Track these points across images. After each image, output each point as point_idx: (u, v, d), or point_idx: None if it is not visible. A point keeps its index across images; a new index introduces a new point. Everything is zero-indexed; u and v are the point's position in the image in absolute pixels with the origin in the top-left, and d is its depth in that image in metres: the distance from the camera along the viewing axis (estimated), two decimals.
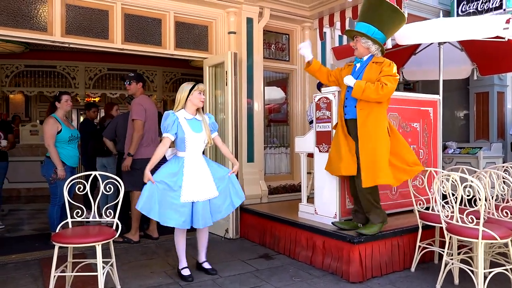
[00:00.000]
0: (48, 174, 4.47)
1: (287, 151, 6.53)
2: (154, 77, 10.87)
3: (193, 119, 3.56)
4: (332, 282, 3.60)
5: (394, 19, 3.53)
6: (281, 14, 5.97)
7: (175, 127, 3.43)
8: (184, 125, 3.48)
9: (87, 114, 6.42)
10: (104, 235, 3.11)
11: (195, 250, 3.96)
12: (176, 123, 3.45)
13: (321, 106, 4.14)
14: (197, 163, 3.53)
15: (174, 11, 5.33)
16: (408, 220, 4.13)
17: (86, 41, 4.83)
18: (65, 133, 4.57)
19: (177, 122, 3.46)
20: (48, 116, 4.62)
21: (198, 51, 5.62)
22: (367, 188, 3.55)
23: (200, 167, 3.54)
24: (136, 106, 4.71)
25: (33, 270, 3.87)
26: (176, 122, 3.45)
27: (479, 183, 3.08)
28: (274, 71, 6.41)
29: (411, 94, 4.91)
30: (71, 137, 4.63)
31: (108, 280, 3.27)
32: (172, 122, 3.43)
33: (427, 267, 3.94)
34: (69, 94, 4.84)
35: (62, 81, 10.13)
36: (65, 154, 4.56)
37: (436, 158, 4.74)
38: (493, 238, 3.02)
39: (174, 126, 3.43)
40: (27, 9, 4.52)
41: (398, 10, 3.49)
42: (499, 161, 7.20)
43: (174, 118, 3.45)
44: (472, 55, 5.75)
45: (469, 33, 4.15)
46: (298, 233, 4.26)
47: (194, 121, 3.56)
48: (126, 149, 4.75)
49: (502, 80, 7.89)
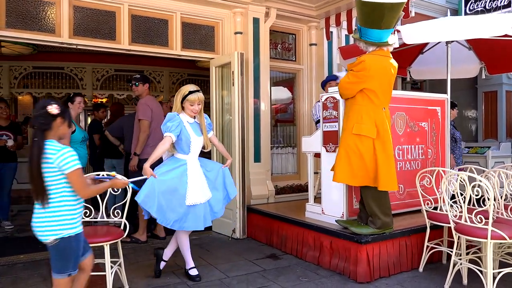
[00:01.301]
0: None
1: (294, 151, 6.52)
2: (160, 77, 10.90)
3: (194, 122, 3.59)
4: (340, 282, 3.59)
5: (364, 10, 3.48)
6: (287, 14, 5.97)
7: (178, 129, 3.43)
8: (188, 128, 3.50)
9: (96, 115, 6.46)
10: (112, 235, 3.13)
11: (201, 250, 3.97)
12: (181, 125, 3.45)
13: (328, 106, 4.13)
14: (197, 166, 3.57)
15: (180, 12, 5.34)
16: (416, 220, 4.11)
17: (94, 42, 4.86)
18: (78, 134, 4.68)
19: (181, 124, 3.46)
20: None
21: (204, 52, 5.63)
22: (367, 193, 3.59)
23: (199, 169, 3.58)
24: (142, 107, 4.75)
25: (41, 270, 3.90)
26: (180, 125, 3.45)
27: (488, 183, 3.06)
28: (280, 71, 6.41)
29: (419, 94, 4.88)
30: (83, 138, 4.75)
31: (116, 279, 3.28)
32: (177, 124, 3.43)
33: (435, 267, 3.91)
34: (82, 96, 4.87)
35: (70, 82, 10.20)
36: (78, 155, 4.57)
37: (444, 157, 4.70)
38: (502, 238, 2.99)
39: (178, 127, 3.43)
40: (35, 11, 4.55)
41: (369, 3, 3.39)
42: (507, 160, 7.15)
43: (179, 120, 3.45)
44: (480, 54, 5.70)
45: (477, 31, 4.12)
46: (305, 233, 4.25)
47: (195, 124, 3.58)
48: (132, 149, 4.78)
49: (511, 79, 7.82)
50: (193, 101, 3.47)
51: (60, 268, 2.29)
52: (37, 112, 2.24)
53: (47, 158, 2.21)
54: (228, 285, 3.53)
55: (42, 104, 2.25)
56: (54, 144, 2.26)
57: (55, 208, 2.24)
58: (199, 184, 3.50)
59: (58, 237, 2.24)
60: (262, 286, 3.50)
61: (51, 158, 2.21)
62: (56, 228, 2.24)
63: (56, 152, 2.22)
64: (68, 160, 2.24)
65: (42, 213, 2.24)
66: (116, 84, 10.56)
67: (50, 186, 2.23)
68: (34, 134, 2.22)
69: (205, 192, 3.54)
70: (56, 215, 2.24)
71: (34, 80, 10.02)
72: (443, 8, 7.69)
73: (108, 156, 5.86)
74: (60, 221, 2.25)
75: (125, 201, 3.37)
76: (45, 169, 2.20)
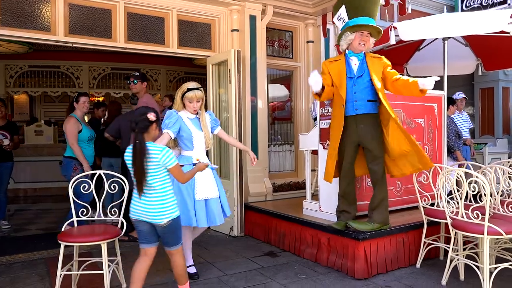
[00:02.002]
0: (69, 174, 4.48)
1: (291, 149, 6.53)
2: (157, 76, 10.89)
3: (195, 118, 3.57)
4: (337, 279, 3.60)
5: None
6: (284, 11, 5.95)
7: (177, 125, 3.42)
8: (189, 124, 3.48)
9: (95, 113, 6.43)
10: (109, 234, 3.13)
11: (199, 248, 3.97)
12: (180, 122, 3.44)
13: (325, 103, 4.13)
14: (205, 161, 3.51)
15: (177, 10, 5.33)
16: (413, 217, 4.12)
17: (89, 41, 4.84)
18: (85, 132, 4.68)
19: (180, 121, 3.45)
20: (69, 116, 4.70)
21: (201, 49, 5.62)
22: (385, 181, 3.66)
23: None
24: (142, 104, 4.75)
25: (39, 269, 3.90)
26: (179, 121, 3.44)
27: (484, 179, 3.07)
28: (277, 68, 6.40)
29: None
30: (90, 137, 4.77)
31: (113, 278, 3.29)
32: (174, 121, 3.42)
33: (433, 263, 3.93)
34: (87, 96, 4.86)
35: (66, 81, 10.18)
36: (85, 154, 4.61)
37: (441, 154, 4.72)
38: (499, 234, 3.00)
39: (176, 124, 3.42)
40: (30, 9, 4.53)
41: None
42: (504, 156, 7.17)
43: (177, 117, 3.44)
44: (477, 50, 5.71)
45: (473, 28, 4.12)
46: (303, 230, 4.26)
47: (196, 120, 3.56)
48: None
49: (507, 75, 7.85)
50: (191, 98, 3.46)
51: (175, 240, 2.85)
52: (139, 118, 2.68)
53: (153, 157, 2.66)
54: (226, 282, 3.53)
55: (143, 112, 2.72)
56: (155, 145, 2.73)
57: (163, 196, 2.74)
58: (207, 179, 3.48)
59: (170, 219, 2.74)
60: (260, 284, 3.51)
61: (156, 157, 2.67)
62: (168, 211, 2.74)
63: (160, 152, 2.67)
64: (170, 157, 2.70)
65: (151, 202, 2.71)
66: (113, 82, 10.54)
67: (155, 178, 2.70)
68: (136, 136, 2.66)
69: (214, 188, 3.52)
70: (166, 201, 2.74)
71: (30, 79, 9.99)
72: (439, 5, 7.69)
73: (106, 155, 5.85)
74: (170, 206, 2.75)
75: (122, 200, 3.36)
76: (150, 166, 2.66)
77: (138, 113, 2.74)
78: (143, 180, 2.67)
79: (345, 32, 3.56)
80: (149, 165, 2.66)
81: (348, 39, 3.58)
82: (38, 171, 8.16)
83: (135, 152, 2.66)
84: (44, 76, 9.99)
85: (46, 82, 10.04)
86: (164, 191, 2.75)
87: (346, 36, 3.58)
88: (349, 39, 3.58)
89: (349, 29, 3.53)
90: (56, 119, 11.75)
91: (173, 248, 2.86)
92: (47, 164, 8.30)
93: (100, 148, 5.95)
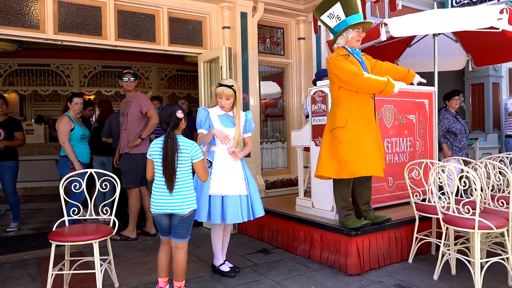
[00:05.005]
0: (65, 173, 4.44)
1: (284, 146, 6.53)
2: (149, 73, 10.81)
3: (225, 114, 3.53)
4: (330, 275, 3.61)
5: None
6: (275, 8, 5.94)
7: (207, 123, 3.46)
8: (214, 120, 3.48)
9: (83, 113, 6.38)
10: (101, 233, 3.11)
11: (192, 245, 3.95)
12: (208, 118, 3.47)
13: (317, 100, 4.13)
14: (228, 157, 3.47)
15: (167, 7, 5.29)
16: (406, 212, 4.14)
17: (79, 38, 4.79)
18: (77, 131, 4.76)
19: (208, 117, 3.48)
20: (62, 115, 4.78)
21: (192, 47, 5.59)
22: (334, 186, 3.76)
23: (231, 162, 3.47)
24: (144, 99, 4.84)
25: (30, 269, 3.86)
26: (207, 118, 3.47)
27: (475, 174, 3.09)
28: (269, 65, 6.40)
29: (407, 86, 4.87)
30: (82, 135, 4.85)
31: (106, 277, 3.26)
32: (204, 118, 3.47)
33: (425, 258, 3.96)
34: (81, 97, 4.86)
35: (57, 79, 10.07)
36: (77, 152, 4.69)
37: (432, 149, 4.75)
38: (489, 228, 3.03)
39: (206, 121, 3.46)
40: (19, 7, 4.47)
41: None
42: (495, 151, 7.24)
43: (206, 114, 3.48)
44: (467, 46, 5.74)
45: (463, 24, 4.14)
46: (295, 227, 4.27)
47: (225, 116, 3.53)
48: (123, 144, 4.80)
49: (497, 71, 7.91)
50: (219, 94, 3.46)
51: (186, 233, 2.96)
52: (169, 119, 2.85)
53: (184, 149, 2.85)
54: (219, 280, 3.53)
55: (170, 112, 2.86)
56: (185, 139, 2.91)
57: (188, 188, 2.90)
58: (226, 176, 3.41)
59: (192, 209, 2.90)
60: (254, 281, 3.51)
61: (187, 150, 2.86)
62: (192, 202, 2.90)
63: (190, 145, 2.88)
64: (198, 152, 2.89)
65: (176, 193, 2.84)
66: (104, 80, 10.45)
67: (182, 170, 2.87)
68: (168, 135, 2.81)
69: (234, 185, 3.42)
70: (189, 193, 2.90)
71: (20, 78, 9.86)
72: (429, 1, 7.72)
73: (98, 153, 5.81)
74: (192, 197, 2.91)
75: (114, 198, 3.34)
76: (180, 159, 2.84)
77: (166, 114, 2.87)
78: (173, 177, 2.81)
79: (346, 29, 3.53)
80: (179, 158, 2.83)
81: (350, 37, 3.57)
82: (29, 171, 8.07)
83: (166, 146, 2.80)
84: (34, 74, 9.87)
85: (36, 81, 9.92)
86: (188, 183, 2.90)
87: (348, 34, 3.55)
88: (350, 37, 3.56)
89: (351, 26, 3.52)
90: (47, 118, 11.66)
91: (183, 241, 2.95)
92: (38, 164, 8.21)
93: (92, 147, 5.90)
